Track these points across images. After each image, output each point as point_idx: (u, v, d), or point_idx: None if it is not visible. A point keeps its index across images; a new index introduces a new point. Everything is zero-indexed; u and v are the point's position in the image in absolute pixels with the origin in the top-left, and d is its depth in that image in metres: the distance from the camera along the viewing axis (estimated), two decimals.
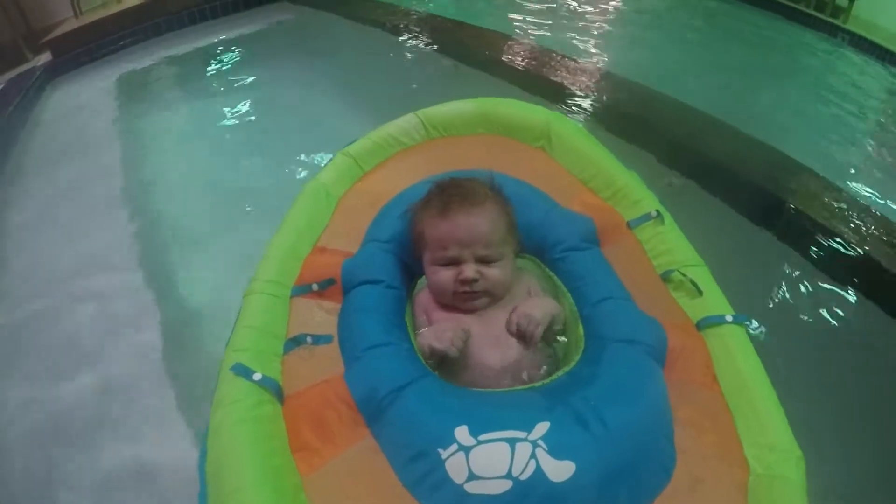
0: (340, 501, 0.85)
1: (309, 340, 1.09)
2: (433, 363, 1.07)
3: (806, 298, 1.79)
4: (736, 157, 2.35)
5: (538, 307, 1.09)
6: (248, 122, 3.04)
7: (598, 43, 3.95)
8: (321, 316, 1.16)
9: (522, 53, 3.38)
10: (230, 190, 2.46)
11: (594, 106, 2.79)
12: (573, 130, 1.56)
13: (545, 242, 1.28)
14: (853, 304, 1.77)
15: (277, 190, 2.21)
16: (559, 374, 1.02)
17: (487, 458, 0.81)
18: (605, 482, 0.80)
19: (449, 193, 1.15)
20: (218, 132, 2.97)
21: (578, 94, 2.86)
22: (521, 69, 3.18)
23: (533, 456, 0.80)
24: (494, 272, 1.12)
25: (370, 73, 3.43)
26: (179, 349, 1.74)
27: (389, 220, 1.30)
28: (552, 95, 2.86)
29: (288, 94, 3.30)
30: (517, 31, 4.02)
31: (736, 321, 1.11)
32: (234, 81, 3.48)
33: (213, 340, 1.46)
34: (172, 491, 1.37)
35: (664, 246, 1.28)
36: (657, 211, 1.33)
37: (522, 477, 0.78)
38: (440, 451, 0.82)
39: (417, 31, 3.76)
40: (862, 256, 1.84)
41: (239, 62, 3.78)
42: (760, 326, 1.61)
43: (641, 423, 0.89)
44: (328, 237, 1.34)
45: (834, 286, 1.82)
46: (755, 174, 2.23)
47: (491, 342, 1.09)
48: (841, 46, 4.37)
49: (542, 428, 0.83)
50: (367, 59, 3.65)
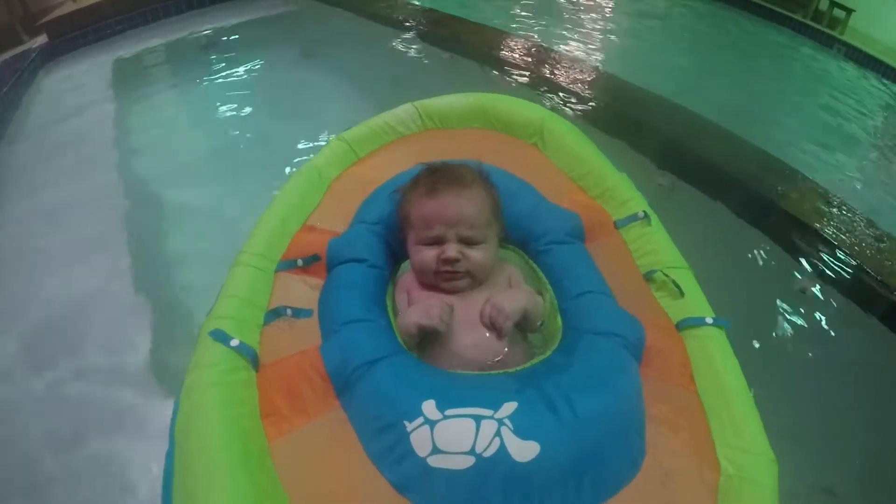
0: (305, 468, 0.86)
1: (289, 313, 1.10)
2: (414, 343, 1.08)
3: (793, 299, 1.81)
4: (728, 158, 2.38)
5: (511, 300, 1.09)
6: (243, 108, 3.04)
7: (594, 42, 3.99)
8: (304, 290, 1.17)
9: (519, 50, 3.41)
10: (224, 174, 2.47)
11: (587, 104, 2.82)
12: (566, 129, 1.57)
13: (530, 234, 1.29)
14: (838, 306, 1.80)
15: (272, 175, 2.23)
16: (534, 361, 1.02)
17: (452, 432, 0.81)
18: (569, 467, 0.80)
19: (437, 175, 1.17)
20: (213, 118, 2.98)
21: (572, 91, 2.89)
22: (517, 65, 3.21)
23: (498, 434, 0.80)
24: (477, 254, 1.13)
25: (367, 64, 3.45)
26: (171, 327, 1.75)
27: (378, 203, 1.31)
28: (547, 92, 2.89)
29: (285, 82, 3.32)
30: (514, 27, 4.04)
31: (716, 324, 1.11)
32: (230, 69, 3.48)
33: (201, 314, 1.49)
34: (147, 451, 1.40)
35: (649, 247, 1.29)
36: (644, 212, 1.33)
37: (486, 454, 0.78)
38: (406, 423, 0.83)
39: (415, 24, 3.80)
40: (850, 260, 1.87)
41: (236, 50, 3.79)
42: (747, 326, 1.62)
43: (611, 412, 0.89)
44: (317, 217, 1.36)
45: (821, 288, 1.84)
46: (746, 176, 2.26)
47: (469, 325, 1.10)
48: (837, 57, 4.41)
49: (509, 407, 0.84)
50: (364, 50, 3.67)
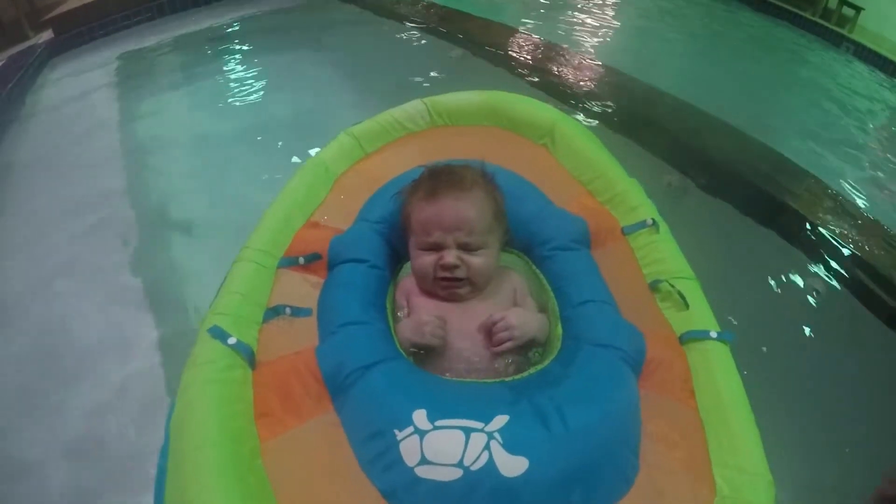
0: (294, 470, 0.86)
1: (288, 311, 1.09)
2: (413, 352, 1.07)
3: (802, 299, 1.79)
4: (738, 157, 2.34)
5: (524, 324, 1.07)
6: (250, 105, 3.03)
7: (603, 39, 3.95)
8: (304, 289, 1.16)
9: (528, 47, 3.38)
10: (230, 169, 2.47)
11: (597, 102, 2.78)
12: (578, 132, 1.54)
13: (534, 239, 1.27)
14: (847, 307, 1.77)
15: (279, 169, 2.22)
16: (530, 371, 1.01)
17: (441, 444, 0.80)
18: (558, 483, 0.78)
19: (438, 179, 1.15)
20: (219, 114, 2.97)
21: (582, 89, 2.85)
22: (526, 62, 3.18)
23: (487, 447, 0.79)
24: (476, 260, 1.11)
25: (377, 59, 3.43)
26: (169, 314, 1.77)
27: (382, 201, 1.30)
28: (556, 89, 2.86)
29: (293, 77, 3.30)
30: (524, 24, 4.01)
31: (720, 338, 1.08)
32: (237, 63, 3.48)
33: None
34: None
35: (656, 255, 1.26)
36: (653, 219, 1.30)
37: (473, 467, 0.77)
38: (396, 431, 0.82)
39: (425, 20, 3.77)
40: (860, 260, 1.84)
41: (243, 44, 3.78)
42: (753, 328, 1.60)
43: (604, 427, 0.87)
44: (322, 213, 1.35)
45: (830, 288, 1.81)
46: (757, 176, 2.23)
47: (467, 334, 1.08)
48: (846, 55, 4.38)
49: (500, 421, 0.83)
50: (374, 46, 3.65)
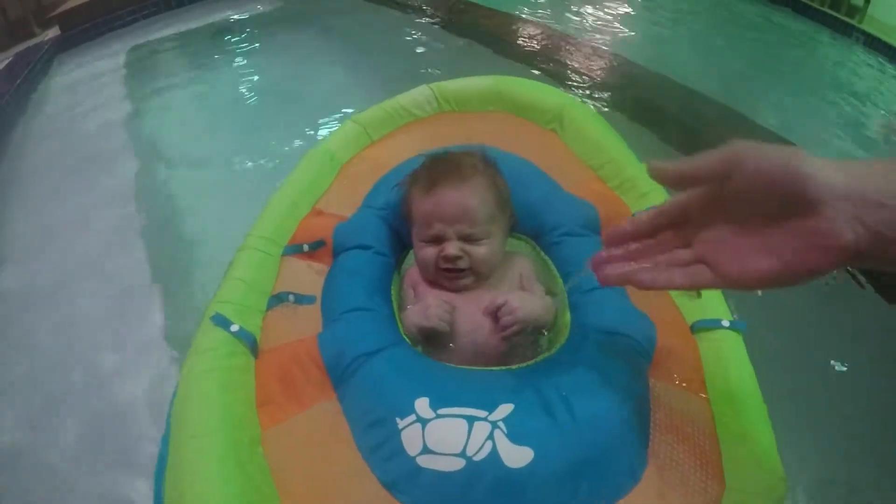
0: (294, 458, 0.84)
1: (291, 299, 1.09)
2: (420, 340, 1.06)
3: (816, 293, 1.76)
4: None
5: (528, 306, 1.05)
6: (258, 97, 3.03)
7: (610, 28, 3.91)
8: (308, 276, 1.15)
9: (535, 35, 3.34)
10: (237, 162, 2.46)
11: (605, 90, 2.74)
12: (587, 116, 1.51)
13: (543, 225, 1.24)
14: (863, 296, 1.73)
15: (288, 158, 2.22)
16: (538, 359, 0.99)
17: (443, 433, 0.78)
18: (564, 474, 0.76)
19: (436, 168, 1.13)
20: (227, 107, 2.97)
21: (589, 77, 2.81)
22: (533, 51, 3.15)
23: (490, 437, 0.77)
24: (480, 250, 1.09)
25: (383, 49, 3.41)
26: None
27: (387, 187, 1.28)
28: (563, 78, 2.83)
29: (300, 69, 3.28)
30: (530, 13, 3.98)
31: (733, 327, 1.05)
32: (244, 58, 3.48)
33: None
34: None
35: None
36: None
37: (476, 457, 0.75)
38: (398, 420, 0.81)
39: (431, 9, 3.75)
40: None
41: (249, 38, 3.76)
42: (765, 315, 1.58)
43: (611, 417, 0.84)
44: (327, 201, 1.33)
45: (842, 277, 1.76)
46: None
47: (473, 322, 1.07)
48: (855, 46, 4.33)
49: (504, 409, 0.81)
50: (380, 36, 3.62)
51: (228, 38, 3.76)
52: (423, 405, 0.82)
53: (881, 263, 0.51)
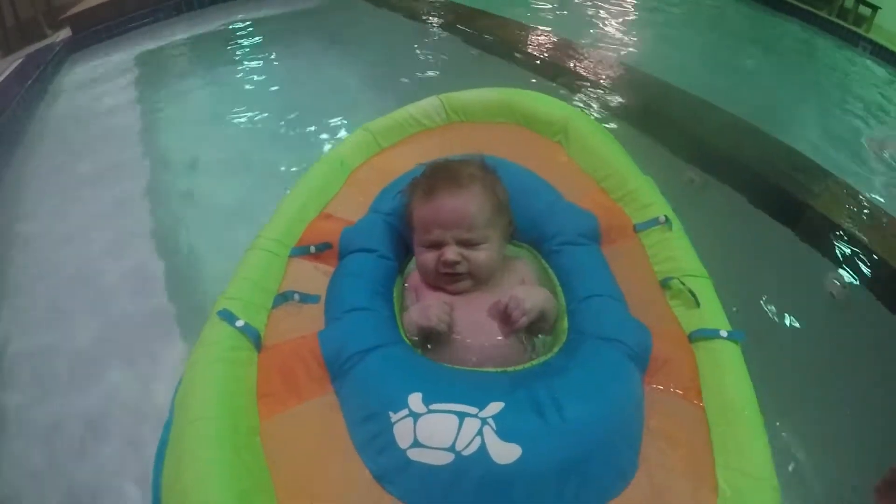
0: (291, 448, 0.88)
1: (296, 298, 1.13)
2: (420, 341, 1.08)
3: (822, 301, 1.75)
4: (757, 156, 2.29)
5: (532, 296, 1.07)
6: (268, 101, 3.05)
7: (620, 37, 3.91)
8: (314, 277, 1.20)
9: (545, 44, 3.35)
10: (251, 165, 2.49)
11: (615, 99, 2.75)
12: (592, 128, 1.54)
13: (544, 233, 1.27)
14: (869, 309, 1.71)
15: (297, 164, 2.25)
16: (533, 362, 1.01)
17: (434, 427, 0.81)
18: (551, 473, 0.78)
19: (435, 176, 1.16)
20: (236, 112, 2.97)
21: (600, 86, 2.82)
22: (543, 59, 3.17)
23: (479, 433, 0.79)
24: (478, 255, 1.12)
25: (394, 58, 3.43)
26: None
27: (393, 193, 1.31)
28: (574, 86, 2.84)
29: (309, 77, 3.31)
30: (543, 22, 3.99)
31: (730, 337, 1.06)
32: (254, 63, 3.50)
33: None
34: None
35: (668, 253, 1.24)
36: (665, 216, 1.28)
37: (465, 452, 0.77)
38: (391, 414, 0.83)
39: (441, 18, 3.77)
40: (880, 260, 1.80)
41: (260, 44, 3.79)
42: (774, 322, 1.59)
43: (602, 420, 0.86)
44: (335, 205, 1.38)
45: (851, 290, 1.76)
46: (776, 174, 2.17)
47: (472, 325, 1.09)
48: (862, 55, 4.33)
49: (495, 407, 0.83)
50: (390, 45, 3.64)
51: (240, 43, 3.81)
52: (415, 400, 0.84)
53: None
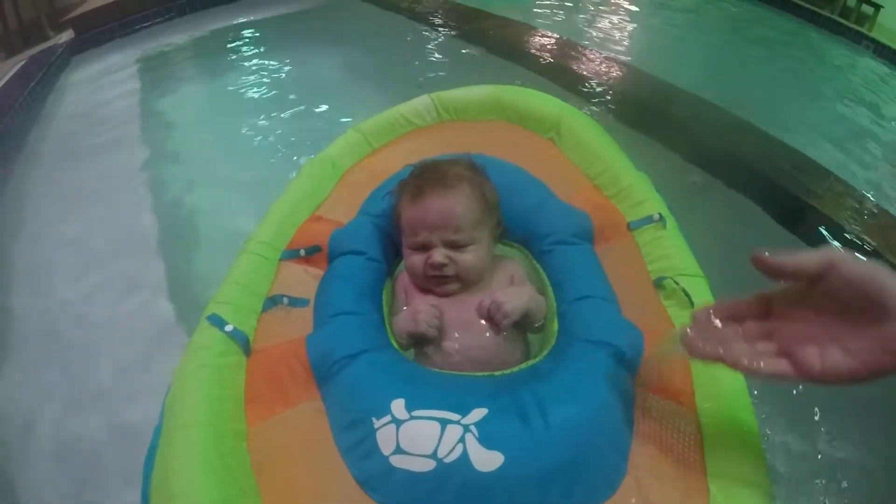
0: (276, 454, 0.88)
1: (285, 301, 1.13)
2: (410, 344, 1.09)
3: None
4: (760, 156, 2.28)
5: (512, 297, 1.07)
6: (269, 103, 3.05)
7: (623, 37, 3.90)
8: (304, 280, 1.19)
9: (548, 44, 3.34)
10: (252, 167, 2.49)
11: (617, 99, 2.74)
12: (585, 124, 1.51)
13: (535, 233, 1.25)
14: None
15: (295, 165, 2.26)
16: (522, 366, 1.00)
17: (416, 434, 0.80)
18: (534, 480, 0.77)
19: (422, 178, 1.15)
20: (239, 112, 2.99)
21: (602, 86, 2.81)
22: (546, 60, 3.15)
23: (461, 440, 0.79)
24: (465, 257, 1.11)
25: (396, 59, 3.42)
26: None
27: (383, 195, 1.31)
28: (577, 87, 2.83)
29: (312, 77, 3.32)
30: (542, 21, 3.98)
31: None
32: (257, 63, 3.50)
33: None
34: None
35: (662, 251, 1.22)
36: (660, 214, 1.26)
37: (447, 459, 0.77)
38: (374, 420, 0.83)
39: (445, 19, 3.76)
40: (883, 260, 1.77)
41: (263, 45, 3.79)
42: None
43: (587, 425, 0.84)
44: (326, 207, 1.37)
45: None
46: (778, 175, 2.15)
47: (462, 327, 1.08)
48: (865, 54, 4.31)
49: (477, 414, 0.82)
50: (393, 45, 3.64)
51: (242, 44, 3.81)
52: (398, 406, 0.84)
53: None
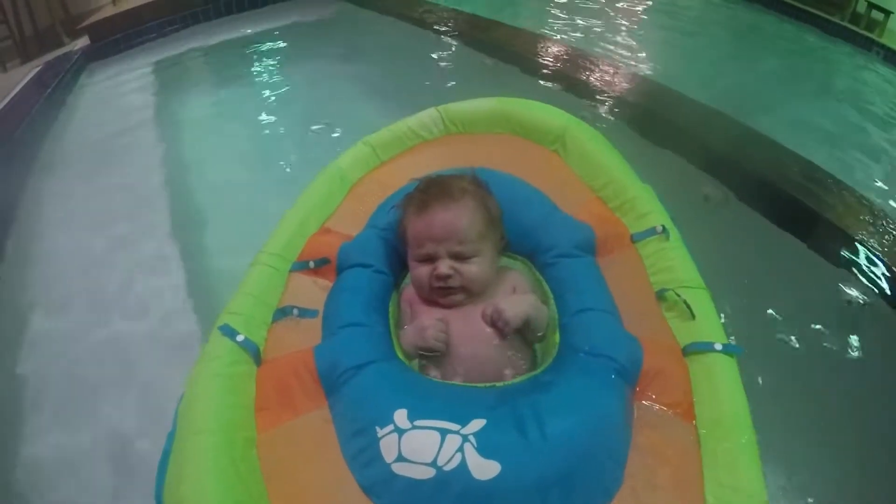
0: (285, 461, 0.91)
1: (295, 313, 1.16)
2: (417, 356, 1.11)
3: (837, 313, 1.71)
4: (770, 166, 2.27)
5: (513, 304, 1.09)
6: (282, 112, 3.09)
7: (632, 46, 3.87)
8: (313, 292, 1.23)
9: (558, 54, 3.36)
10: (265, 175, 2.53)
11: (627, 109, 2.75)
12: (589, 137, 1.53)
13: (539, 246, 1.27)
14: (885, 320, 1.69)
15: (309, 176, 2.24)
16: (523, 377, 1.02)
17: (417, 443, 0.84)
18: (531, 490, 0.79)
19: (428, 192, 1.18)
20: (252, 121, 3.03)
21: (613, 96, 2.82)
22: (556, 70, 3.17)
23: (460, 450, 0.82)
24: (470, 268, 1.14)
25: (408, 69, 3.44)
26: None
27: (388, 208, 1.33)
28: (587, 97, 2.85)
29: (324, 86, 3.35)
30: (553, 32, 3.99)
31: (726, 351, 1.03)
32: (270, 72, 3.55)
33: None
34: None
35: (665, 263, 1.23)
36: (663, 226, 1.27)
37: (446, 468, 0.80)
38: (378, 429, 0.87)
39: (456, 29, 3.80)
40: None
41: (276, 53, 3.84)
42: (790, 338, 1.58)
43: (584, 437, 0.86)
44: (335, 220, 1.41)
45: (866, 302, 1.73)
46: (789, 185, 2.14)
47: (467, 338, 1.10)
48: (875, 60, 4.28)
49: (476, 424, 0.85)
50: (405, 55, 3.67)
51: (254, 54, 3.86)
52: (401, 416, 0.87)
53: None
